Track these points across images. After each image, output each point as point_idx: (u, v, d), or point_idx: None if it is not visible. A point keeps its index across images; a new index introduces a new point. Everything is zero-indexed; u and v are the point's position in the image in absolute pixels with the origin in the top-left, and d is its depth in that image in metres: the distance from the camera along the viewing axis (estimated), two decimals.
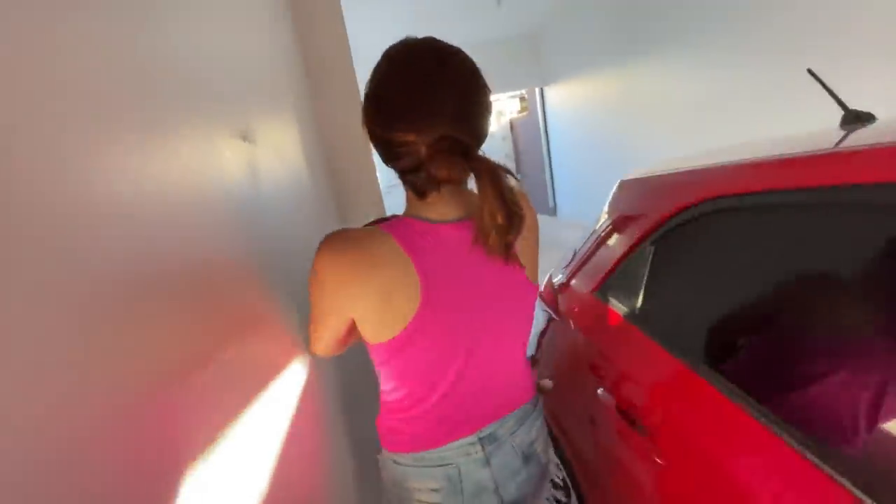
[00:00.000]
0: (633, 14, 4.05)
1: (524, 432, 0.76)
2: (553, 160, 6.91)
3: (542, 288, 1.64)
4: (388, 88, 0.62)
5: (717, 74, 3.28)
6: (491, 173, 0.59)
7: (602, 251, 1.32)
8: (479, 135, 0.63)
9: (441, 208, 0.65)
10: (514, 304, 0.71)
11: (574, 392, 1.29)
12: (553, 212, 7.10)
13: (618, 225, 1.26)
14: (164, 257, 0.47)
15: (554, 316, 1.54)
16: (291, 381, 0.76)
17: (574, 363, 1.32)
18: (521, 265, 0.70)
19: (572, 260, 1.57)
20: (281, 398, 0.70)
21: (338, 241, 0.62)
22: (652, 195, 1.13)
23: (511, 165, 8.58)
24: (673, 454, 0.84)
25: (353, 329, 0.70)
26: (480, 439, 0.71)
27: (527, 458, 0.76)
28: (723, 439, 0.76)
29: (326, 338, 0.72)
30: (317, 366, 0.91)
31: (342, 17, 1.58)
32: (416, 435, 0.71)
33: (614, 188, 1.38)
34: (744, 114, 3.08)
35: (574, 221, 6.28)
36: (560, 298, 1.45)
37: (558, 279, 1.55)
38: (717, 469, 0.75)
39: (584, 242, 1.53)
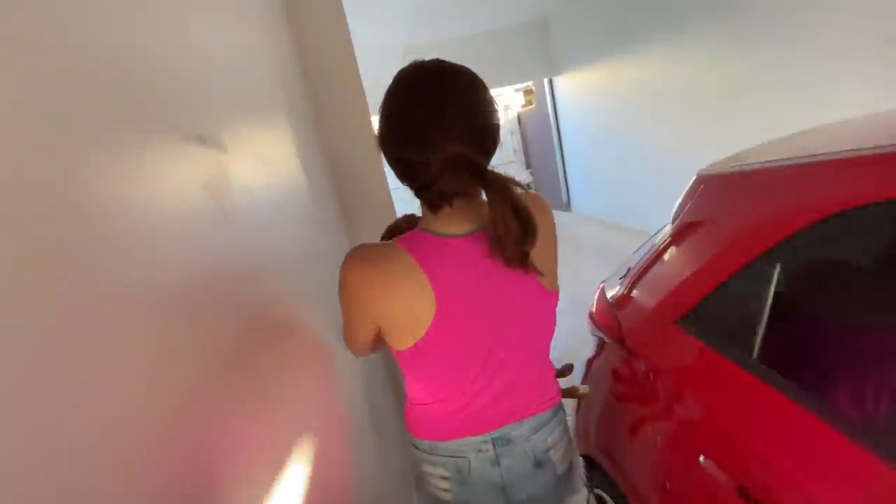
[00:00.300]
0: None
1: (539, 439, 0.77)
2: (565, 154, 6.62)
3: (593, 307, 1.36)
4: (400, 110, 0.65)
5: (745, 59, 2.98)
6: (501, 187, 0.60)
7: (678, 267, 1.04)
8: (489, 150, 0.66)
9: (453, 223, 0.67)
10: (530, 311, 0.72)
11: (645, 439, 1.02)
12: (567, 207, 6.82)
13: (702, 233, 0.99)
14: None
15: (606, 339, 1.27)
16: (317, 380, 0.83)
17: (646, 409, 1.05)
18: (537, 273, 0.69)
19: (626, 275, 1.29)
20: (303, 397, 0.76)
21: (358, 258, 0.66)
22: (766, 195, 0.84)
23: (520, 160, 8.33)
24: None
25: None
26: (493, 439, 0.74)
27: (539, 463, 0.77)
28: None
29: (358, 341, 0.75)
30: (341, 363, 1.00)
31: (343, 11, 1.45)
32: (433, 426, 0.76)
33: (689, 185, 1.09)
34: (773, 102, 2.79)
35: (589, 217, 6.01)
36: (621, 321, 1.18)
37: (615, 292, 1.28)
38: None
39: (643, 254, 1.25)
